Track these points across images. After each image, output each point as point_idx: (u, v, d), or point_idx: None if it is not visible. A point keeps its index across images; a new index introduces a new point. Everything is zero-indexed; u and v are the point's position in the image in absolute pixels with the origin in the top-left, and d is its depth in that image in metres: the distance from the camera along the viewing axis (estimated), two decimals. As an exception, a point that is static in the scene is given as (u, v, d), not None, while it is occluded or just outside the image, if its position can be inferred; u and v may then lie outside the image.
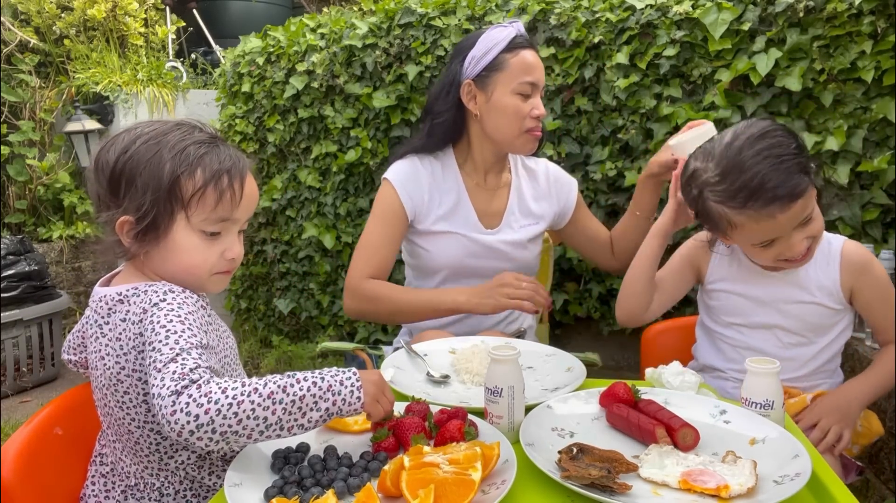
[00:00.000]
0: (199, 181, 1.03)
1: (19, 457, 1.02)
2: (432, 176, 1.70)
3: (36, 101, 4.12)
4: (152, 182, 1.02)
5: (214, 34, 4.98)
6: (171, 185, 1.02)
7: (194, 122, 1.11)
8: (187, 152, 1.03)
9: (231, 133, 3.28)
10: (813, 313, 1.39)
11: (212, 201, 1.04)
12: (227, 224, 1.08)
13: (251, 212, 1.12)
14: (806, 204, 1.25)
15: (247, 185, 1.09)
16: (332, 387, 0.90)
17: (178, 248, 1.05)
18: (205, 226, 1.05)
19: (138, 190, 1.02)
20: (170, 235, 1.04)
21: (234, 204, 1.06)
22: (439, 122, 1.69)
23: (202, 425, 0.83)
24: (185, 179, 1.03)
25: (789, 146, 1.25)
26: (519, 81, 1.60)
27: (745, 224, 1.27)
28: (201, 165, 1.03)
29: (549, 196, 1.80)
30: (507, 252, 1.72)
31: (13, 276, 3.05)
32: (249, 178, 1.10)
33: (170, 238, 1.05)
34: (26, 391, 3.10)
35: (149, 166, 1.02)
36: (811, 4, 2.02)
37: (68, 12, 4.24)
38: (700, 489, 0.82)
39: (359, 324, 3.12)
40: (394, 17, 2.74)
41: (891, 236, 2.02)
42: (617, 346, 2.67)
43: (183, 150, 1.03)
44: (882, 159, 1.96)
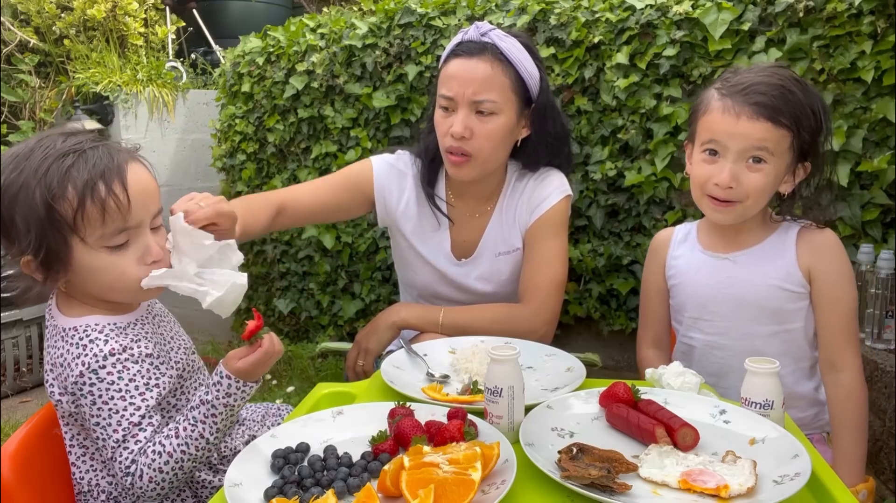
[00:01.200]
0: (73, 200, 0.93)
1: (19, 457, 1.02)
2: (415, 182, 1.64)
3: (36, 101, 4.12)
4: (31, 216, 0.94)
5: (214, 34, 4.98)
6: (48, 213, 0.93)
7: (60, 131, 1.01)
8: (51, 172, 0.93)
9: (231, 133, 3.28)
10: (766, 296, 1.34)
11: (96, 215, 0.94)
12: (129, 231, 0.99)
13: (153, 205, 1.01)
14: (766, 138, 1.23)
15: (130, 182, 0.97)
16: (228, 404, 0.98)
17: (90, 270, 0.98)
18: (105, 242, 0.97)
19: (20, 228, 0.95)
20: (75, 262, 0.97)
21: (124, 210, 0.96)
22: (425, 129, 1.64)
23: (158, 485, 0.96)
24: (58, 202, 0.93)
25: (798, 91, 1.25)
26: (438, 94, 1.49)
27: (715, 110, 1.27)
28: (70, 180, 0.93)
29: (521, 216, 1.62)
30: (473, 286, 1.64)
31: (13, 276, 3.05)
32: (134, 171, 0.99)
33: (76, 265, 0.98)
34: (26, 391, 3.10)
35: (19, 199, 0.94)
36: (811, 4, 2.02)
37: (68, 12, 4.24)
38: (700, 489, 0.82)
39: (359, 325, 3.12)
40: (394, 17, 2.74)
41: (891, 236, 2.02)
42: (617, 346, 2.67)
43: (46, 172, 0.93)
44: (882, 159, 1.96)
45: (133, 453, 0.96)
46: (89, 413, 0.98)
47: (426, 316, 1.54)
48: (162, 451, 0.96)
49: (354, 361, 1.53)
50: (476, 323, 1.50)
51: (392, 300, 2.97)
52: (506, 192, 1.64)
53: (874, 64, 1.94)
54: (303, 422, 1.01)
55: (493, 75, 1.44)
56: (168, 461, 0.96)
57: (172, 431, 0.98)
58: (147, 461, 0.96)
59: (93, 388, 0.97)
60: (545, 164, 1.62)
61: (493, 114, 1.46)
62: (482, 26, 1.47)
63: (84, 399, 0.98)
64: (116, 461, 0.97)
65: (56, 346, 1.03)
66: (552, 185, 1.59)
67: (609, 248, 2.46)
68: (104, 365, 0.98)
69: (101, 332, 1.01)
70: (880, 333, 1.89)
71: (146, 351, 1.03)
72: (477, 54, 1.44)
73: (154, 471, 0.96)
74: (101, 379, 0.97)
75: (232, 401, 0.99)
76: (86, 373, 0.97)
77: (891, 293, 1.87)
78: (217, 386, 0.99)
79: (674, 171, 2.28)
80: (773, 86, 1.24)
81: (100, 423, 0.98)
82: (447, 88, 1.46)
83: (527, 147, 1.58)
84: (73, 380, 0.98)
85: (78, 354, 0.99)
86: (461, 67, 1.45)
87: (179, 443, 0.97)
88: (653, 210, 2.38)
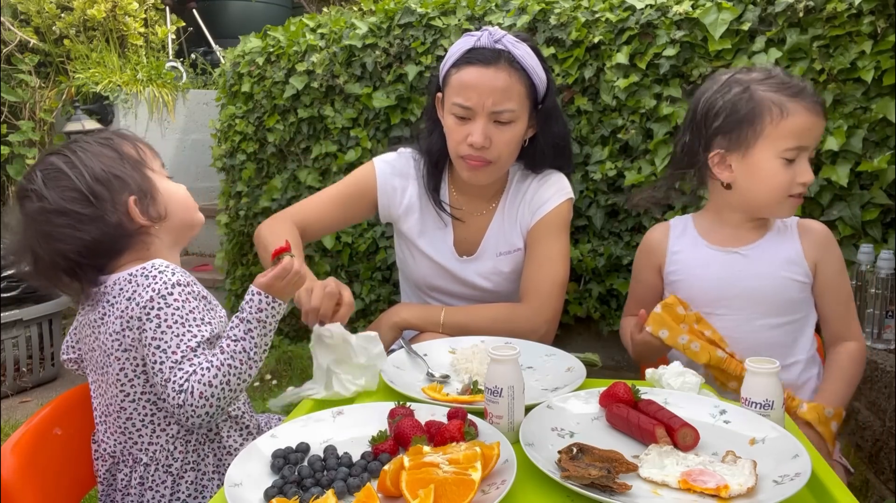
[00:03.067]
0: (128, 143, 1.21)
1: (19, 457, 1.02)
2: (418, 182, 1.64)
3: (36, 101, 4.12)
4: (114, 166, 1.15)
5: (214, 34, 4.98)
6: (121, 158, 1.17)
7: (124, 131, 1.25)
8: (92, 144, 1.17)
9: (231, 133, 3.28)
10: (780, 288, 1.38)
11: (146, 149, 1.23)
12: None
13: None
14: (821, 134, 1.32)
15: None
16: (261, 318, 1.09)
17: (169, 195, 1.20)
18: (162, 171, 1.23)
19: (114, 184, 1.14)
20: (158, 190, 1.19)
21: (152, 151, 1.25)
22: (424, 131, 1.63)
23: (208, 401, 1.04)
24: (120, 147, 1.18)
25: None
26: (451, 102, 1.46)
27: (797, 113, 1.29)
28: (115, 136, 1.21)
29: (523, 217, 1.63)
30: (477, 282, 1.64)
31: (13, 276, 3.05)
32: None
33: (160, 192, 1.19)
34: (26, 391, 3.10)
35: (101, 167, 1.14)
36: (811, 4, 2.02)
37: (68, 12, 4.24)
38: (700, 489, 0.82)
39: (359, 325, 3.12)
40: (394, 17, 2.74)
41: (891, 236, 2.02)
42: (617, 346, 2.67)
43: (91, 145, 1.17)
44: (882, 159, 1.96)
45: (187, 373, 1.04)
46: (152, 336, 1.06)
47: (427, 316, 1.54)
48: (210, 366, 1.05)
49: None
50: (477, 322, 1.50)
51: (392, 300, 2.97)
52: (508, 191, 1.65)
53: (874, 64, 1.94)
54: (303, 422, 1.01)
55: (511, 84, 1.43)
56: (217, 374, 1.04)
57: (217, 349, 1.08)
58: (198, 377, 1.04)
59: (160, 312, 1.07)
60: (549, 166, 1.63)
61: (511, 122, 1.46)
62: (495, 32, 1.45)
63: (150, 323, 1.07)
64: (171, 381, 1.04)
65: (118, 293, 1.11)
66: (555, 186, 1.60)
67: (609, 248, 2.46)
68: (171, 292, 1.08)
69: (167, 267, 1.12)
70: (880, 333, 1.89)
71: (203, 292, 1.16)
72: (493, 63, 1.42)
73: (204, 385, 1.03)
74: (168, 304, 1.08)
75: (264, 316, 1.09)
76: (155, 298, 1.07)
77: (891, 293, 1.87)
78: (249, 302, 1.09)
79: (674, 171, 2.29)
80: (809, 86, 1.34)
81: (160, 346, 1.06)
82: (464, 98, 1.43)
83: (533, 148, 1.58)
84: (143, 304, 1.07)
85: (148, 284, 1.09)
86: (479, 77, 1.42)
87: (225, 358, 1.06)
88: (653, 210, 2.38)
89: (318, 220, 1.63)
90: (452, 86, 1.46)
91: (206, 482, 1.17)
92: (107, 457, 1.15)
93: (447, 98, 1.49)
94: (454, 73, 1.46)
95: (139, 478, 1.13)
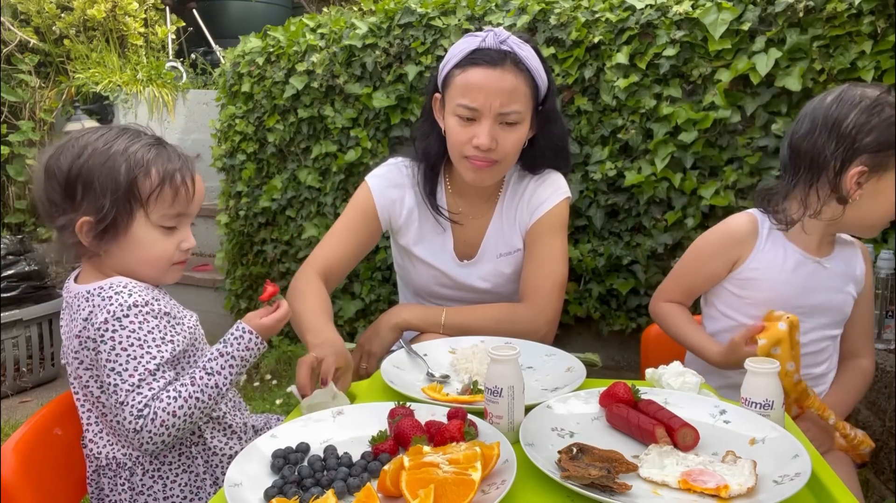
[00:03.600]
0: (155, 180, 1.11)
1: (19, 457, 1.02)
2: (414, 190, 1.62)
3: (36, 101, 4.12)
4: (110, 184, 1.09)
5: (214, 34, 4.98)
6: (128, 186, 1.09)
7: (136, 127, 1.19)
8: (139, 154, 1.11)
9: (231, 133, 3.28)
10: (843, 302, 1.42)
11: (169, 198, 1.13)
12: (182, 218, 1.17)
13: (200, 206, 1.21)
14: None
15: (197, 181, 1.17)
16: (245, 357, 1.10)
17: (139, 243, 1.13)
18: (163, 221, 1.14)
19: (97, 192, 1.09)
20: (130, 232, 1.12)
21: (189, 199, 1.15)
22: (420, 133, 1.61)
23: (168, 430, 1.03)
24: (141, 179, 1.10)
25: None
26: (456, 103, 1.44)
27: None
28: (155, 166, 1.12)
29: (521, 217, 1.62)
30: (478, 285, 1.64)
31: (13, 276, 3.05)
32: (198, 175, 1.19)
33: (130, 235, 1.12)
34: (26, 391, 3.10)
35: (104, 170, 1.09)
36: (811, 4, 2.02)
37: (68, 12, 4.24)
38: (700, 489, 0.82)
39: (359, 325, 3.12)
40: (394, 17, 2.74)
41: (891, 236, 2.02)
42: (617, 346, 2.67)
43: (135, 153, 1.11)
44: (882, 159, 1.96)
45: (146, 398, 1.03)
46: (106, 359, 1.05)
47: (428, 317, 1.54)
48: (177, 397, 1.04)
49: (358, 365, 1.53)
50: (478, 323, 1.50)
51: (392, 300, 2.97)
52: (505, 192, 1.64)
53: (874, 64, 1.94)
54: (303, 422, 1.01)
55: (517, 86, 1.42)
56: (182, 406, 1.03)
57: (188, 379, 1.07)
58: (161, 405, 1.03)
59: (114, 335, 1.05)
60: (548, 166, 1.62)
61: (517, 123, 1.46)
62: (500, 33, 1.44)
63: (104, 345, 1.05)
64: (127, 405, 1.02)
65: (77, 308, 1.10)
66: (552, 186, 1.60)
67: (609, 248, 2.46)
68: (127, 314, 1.07)
69: (125, 287, 1.10)
70: (880, 333, 1.89)
71: (165, 309, 1.13)
72: (500, 64, 1.41)
73: (168, 414, 1.02)
74: (123, 326, 1.06)
75: (249, 355, 1.10)
76: (110, 320, 1.06)
77: (891, 293, 1.87)
78: (238, 339, 1.10)
79: (674, 171, 2.29)
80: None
81: (115, 369, 1.04)
82: (470, 99, 1.42)
83: (532, 149, 1.58)
84: (97, 326, 1.06)
85: (103, 305, 1.07)
86: (485, 78, 1.40)
87: (195, 390, 1.05)
88: (653, 210, 2.38)
89: (339, 259, 1.59)
90: (457, 86, 1.45)
91: (200, 483, 1.16)
92: (92, 458, 1.14)
93: (450, 99, 1.47)
94: (458, 74, 1.44)
95: (124, 482, 1.13)
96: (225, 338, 1.10)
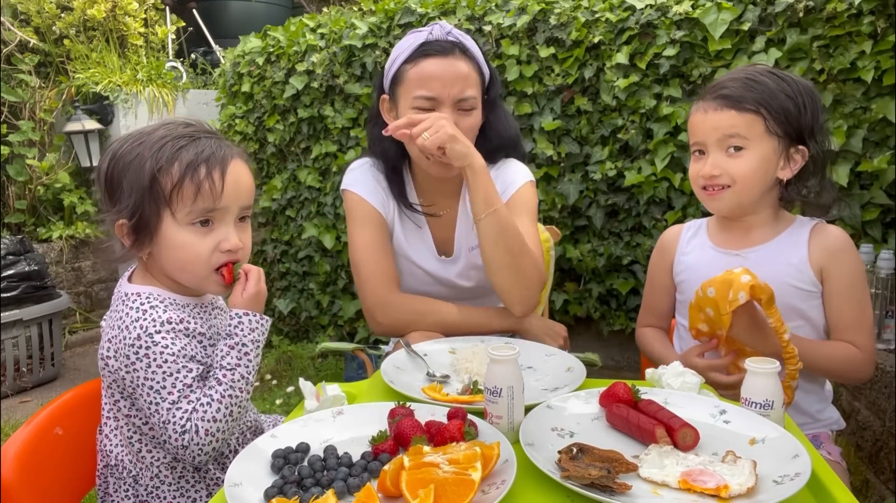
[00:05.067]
0: (175, 175, 1.03)
1: (19, 457, 1.02)
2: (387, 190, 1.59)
3: (36, 101, 4.12)
4: (136, 182, 1.04)
5: (214, 34, 4.98)
6: (151, 183, 1.03)
7: (185, 119, 1.12)
8: (164, 148, 1.04)
9: (231, 133, 3.28)
10: (784, 294, 1.32)
11: (191, 193, 1.04)
12: (216, 214, 1.07)
13: (244, 199, 1.10)
14: (737, 124, 1.27)
15: (230, 172, 1.07)
16: (255, 339, 1.07)
17: (171, 244, 1.06)
18: (191, 218, 1.05)
19: (125, 191, 1.05)
20: (161, 233, 1.06)
21: (216, 194, 1.05)
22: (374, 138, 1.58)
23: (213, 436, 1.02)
24: (163, 175, 1.03)
25: (768, 79, 1.28)
26: (413, 96, 1.43)
27: (691, 116, 1.34)
28: (178, 159, 1.04)
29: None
30: (460, 283, 1.62)
31: (13, 276, 3.05)
32: (236, 165, 1.09)
33: (161, 236, 1.06)
34: (26, 391, 3.10)
35: (131, 167, 1.05)
36: (811, 4, 2.02)
37: (68, 12, 4.24)
38: (700, 489, 0.81)
39: (359, 324, 3.12)
40: (394, 17, 2.74)
41: (891, 236, 2.02)
42: (617, 346, 2.67)
43: (161, 147, 1.05)
44: (882, 159, 1.96)
45: (187, 412, 1.01)
46: (144, 376, 1.02)
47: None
48: (210, 401, 1.02)
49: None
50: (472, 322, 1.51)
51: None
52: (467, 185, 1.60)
53: (874, 64, 1.94)
54: (303, 422, 1.01)
55: (469, 72, 1.46)
56: (219, 408, 1.02)
57: (213, 381, 1.04)
58: (200, 415, 1.01)
59: (149, 352, 1.03)
60: (503, 156, 1.63)
61: (473, 109, 1.48)
62: (445, 26, 1.47)
63: (140, 362, 1.02)
64: (171, 423, 1.01)
65: (117, 310, 1.09)
66: (513, 171, 1.59)
67: (609, 248, 2.46)
68: (160, 330, 1.04)
69: (161, 302, 1.07)
70: (880, 333, 1.89)
71: (199, 328, 1.10)
72: (450, 53, 1.44)
73: (208, 421, 1.01)
74: (156, 342, 1.03)
75: (257, 335, 1.08)
76: (143, 337, 1.03)
77: (891, 293, 1.87)
78: (239, 326, 1.07)
79: (674, 171, 2.29)
80: (737, 79, 1.31)
81: (153, 387, 1.02)
82: (428, 89, 1.43)
83: (485, 138, 1.58)
84: (131, 342, 1.03)
85: (137, 318, 1.04)
86: (441, 67, 1.43)
87: (224, 389, 1.03)
88: (653, 210, 2.38)
89: (394, 269, 1.56)
90: (411, 80, 1.44)
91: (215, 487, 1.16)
92: (104, 454, 1.14)
93: (404, 94, 1.46)
94: (410, 69, 1.45)
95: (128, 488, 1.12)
96: (227, 332, 1.08)
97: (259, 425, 1.29)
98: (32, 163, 3.91)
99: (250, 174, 1.14)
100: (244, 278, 1.09)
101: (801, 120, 1.29)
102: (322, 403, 1.09)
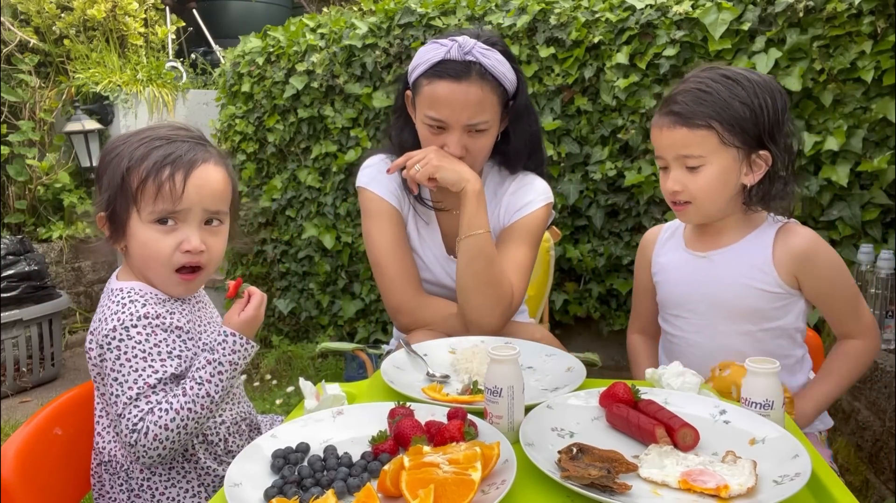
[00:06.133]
0: (142, 174, 1.07)
1: (19, 457, 1.02)
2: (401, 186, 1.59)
3: (36, 101, 4.12)
4: (112, 178, 1.08)
5: (214, 34, 4.98)
6: (121, 180, 1.07)
7: (177, 124, 1.16)
8: (140, 148, 1.08)
9: (231, 133, 3.28)
10: (741, 295, 1.33)
11: (152, 193, 1.07)
12: (178, 215, 1.09)
13: (209, 203, 1.11)
14: (689, 142, 1.26)
15: (195, 176, 1.09)
16: (233, 361, 1.06)
17: (137, 241, 1.10)
18: (152, 217, 1.08)
19: (104, 185, 1.10)
20: (129, 229, 1.09)
21: (175, 196, 1.07)
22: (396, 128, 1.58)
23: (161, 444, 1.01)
24: (131, 173, 1.07)
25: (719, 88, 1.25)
26: (424, 113, 1.45)
27: (653, 133, 1.33)
28: (146, 159, 1.07)
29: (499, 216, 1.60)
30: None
31: (13, 276, 3.05)
32: (205, 170, 1.11)
33: (129, 232, 1.10)
34: (26, 391, 3.10)
35: (112, 163, 1.09)
36: (811, 4, 2.02)
37: (68, 12, 4.24)
38: (700, 489, 0.81)
39: (359, 324, 3.12)
40: (394, 17, 2.74)
41: (891, 236, 2.02)
42: (617, 346, 2.67)
43: (138, 147, 1.08)
44: (882, 159, 1.96)
45: (143, 412, 1.01)
46: (111, 367, 1.04)
47: None
48: (169, 409, 1.01)
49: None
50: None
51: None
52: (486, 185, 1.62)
53: (874, 64, 1.95)
54: (303, 422, 1.01)
55: (484, 97, 1.42)
56: (174, 418, 1.01)
57: (179, 390, 1.04)
58: (154, 419, 1.01)
59: (120, 344, 1.04)
60: (523, 165, 1.62)
61: (486, 130, 1.46)
62: (464, 44, 1.42)
63: (110, 353, 1.04)
64: (124, 418, 1.01)
65: (102, 304, 1.11)
66: (535, 192, 1.57)
67: (609, 248, 2.46)
68: (136, 324, 1.05)
69: (141, 296, 1.09)
70: (880, 333, 1.89)
71: (177, 323, 1.11)
72: (464, 77, 1.40)
73: (160, 427, 1.00)
74: (129, 336, 1.04)
75: (237, 358, 1.07)
76: (118, 328, 1.05)
77: (891, 293, 1.87)
78: (223, 344, 1.06)
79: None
80: (688, 91, 1.28)
81: (118, 379, 1.03)
82: (436, 111, 1.42)
83: (507, 144, 1.57)
84: (106, 333, 1.05)
85: (116, 311, 1.07)
86: (451, 92, 1.40)
87: (186, 401, 1.02)
88: (653, 210, 2.38)
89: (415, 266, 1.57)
90: (424, 97, 1.44)
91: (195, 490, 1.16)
92: (98, 450, 1.15)
93: (419, 105, 1.47)
94: (425, 84, 1.43)
95: (122, 483, 1.12)
96: (212, 344, 1.07)
97: (253, 417, 1.29)
98: (32, 163, 3.91)
99: (226, 180, 1.15)
100: (246, 298, 1.11)
101: (759, 124, 1.26)
102: (322, 403, 1.08)
